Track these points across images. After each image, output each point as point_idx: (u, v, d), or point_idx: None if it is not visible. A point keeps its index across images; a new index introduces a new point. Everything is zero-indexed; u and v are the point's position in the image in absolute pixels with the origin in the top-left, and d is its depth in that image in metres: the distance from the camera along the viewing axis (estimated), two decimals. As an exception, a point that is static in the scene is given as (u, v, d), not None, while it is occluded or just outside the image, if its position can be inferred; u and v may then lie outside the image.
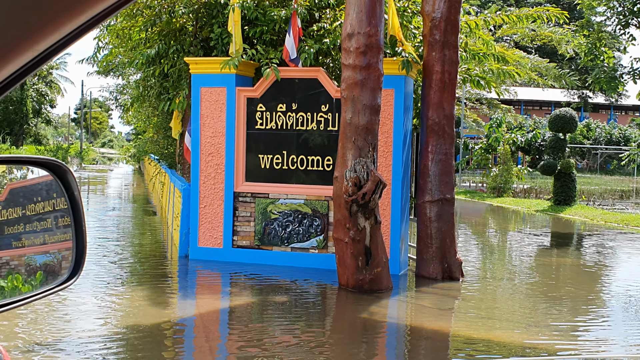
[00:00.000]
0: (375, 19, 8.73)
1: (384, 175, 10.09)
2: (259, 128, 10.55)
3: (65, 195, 1.27)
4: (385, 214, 10.11)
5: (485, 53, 11.47)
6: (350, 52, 8.78)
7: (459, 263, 9.94)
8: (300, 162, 10.46)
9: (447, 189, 10.01)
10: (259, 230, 10.55)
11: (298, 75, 10.34)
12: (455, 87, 10.06)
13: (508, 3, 48.54)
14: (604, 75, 17.20)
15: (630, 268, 12.52)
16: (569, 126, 21.10)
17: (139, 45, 12.36)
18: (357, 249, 8.75)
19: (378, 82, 8.84)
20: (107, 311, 7.91)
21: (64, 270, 1.30)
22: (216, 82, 10.50)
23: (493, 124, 25.95)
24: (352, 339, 7.24)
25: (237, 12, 10.14)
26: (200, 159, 10.71)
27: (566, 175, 20.93)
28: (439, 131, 9.99)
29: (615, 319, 8.31)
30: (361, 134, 8.74)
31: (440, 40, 9.83)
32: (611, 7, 16.90)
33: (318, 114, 10.34)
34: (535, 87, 42.29)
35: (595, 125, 53.85)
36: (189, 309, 8.55)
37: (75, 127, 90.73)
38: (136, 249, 12.58)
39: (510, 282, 10.45)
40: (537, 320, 7.90)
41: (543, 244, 14.98)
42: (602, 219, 18.77)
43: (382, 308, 8.39)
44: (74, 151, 55.08)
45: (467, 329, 7.60)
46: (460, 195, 26.85)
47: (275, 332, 7.18)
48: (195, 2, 11.23)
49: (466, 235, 16.38)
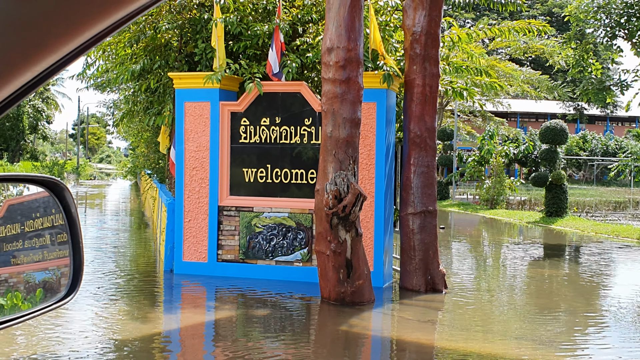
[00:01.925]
0: (355, 34, 8.80)
1: (367, 188, 10.13)
2: (243, 142, 10.60)
3: (62, 212, 1.28)
4: (368, 226, 10.15)
5: (468, 66, 11.55)
6: (330, 66, 8.85)
7: (442, 275, 9.96)
8: (284, 175, 10.51)
9: (430, 201, 10.05)
10: (243, 244, 10.58)
11: (281, 90, 10.41)
12: (436, 100, 10.13)
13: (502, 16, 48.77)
14: (592, 87, 17.28)
15: (619, 279, 12.53)
16: (559, 138, 21.17)
17: (125, 60, 12.44)
18: (339, 261, 8.78)
19: (358, 95, 8.91)
20: (91, 326, 7.92)
21: (64, 287, 1.30)
22: (200, 97, 10.57)
23: (485, 136, 26.03)
24: (333, 352, 7.25)
25: (220, 27, 10.22)
26: (185, 173, 10.75)
27: (557, 187, 20.98)
28: (421, 144, 10.05)
29: (602, 330, 8.33)
30: (342, 147, 8.79)
31: (421, 53, 9.90)
32: (598, 19, 17.01)
33: (301, 128, 10.41)
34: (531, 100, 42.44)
35: (591, 136, 53.96)
36: (173, 323, 8.57)
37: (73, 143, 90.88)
38: (123, 263, 12.60)
39: (494, 294, 10.46)
40: (519, 333, 7.92)
41: (531, 256, 15.00)
42: (593, 230, 18.79)
43: (362, 321, 8.40)
44: (71, 167, 55.13)
45: (446, 341, 7.61)
46: (454, 208, 26.89)
47: (257, 346, 7.20)
48: (180, 18, 11.33)
49: (455, 247, 16.40)
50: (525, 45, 28.66)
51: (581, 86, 18.03)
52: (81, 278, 1.30)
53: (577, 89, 19.41)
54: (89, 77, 15.25)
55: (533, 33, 11.66)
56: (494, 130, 26.50)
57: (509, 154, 25.59)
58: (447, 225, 21.72)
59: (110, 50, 12.83)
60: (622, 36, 17.23)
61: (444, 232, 18.59)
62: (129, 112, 14.64)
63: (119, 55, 12.59)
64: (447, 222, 22.76)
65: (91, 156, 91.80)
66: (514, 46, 29.67)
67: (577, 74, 17.90)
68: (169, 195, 12.29)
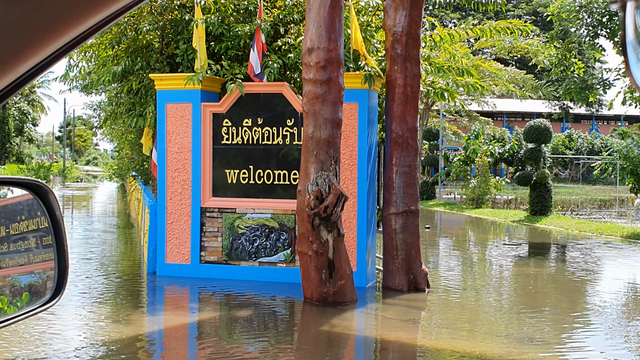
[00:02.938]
0: (335, 34, 8.81)
1: (349, 188, 10.14)
2: (225, 143, 10.59)
3: (46, 215, 1.26)
4: (351, 226, 10.16)
5: (450, 66, 11.58)
6: (310, 67, 8.85)
7: (424, 274, 9.98)
8: (267, 176, 10.50)
9: (412, 201, 10.07)
10: (226, 245, 10.56)
11: (263, 90, 10.41)
12: (417, 100, 10.16)
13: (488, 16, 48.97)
14: (574, 86, 17.40)
15: (603, 276, 12.61)
16: (543, 137, 21.28)
17: (107, 62, 12.39)
18: (321, 262, 8.78)
19: (339, 96, 8.92)
20: (74, 328, 7.89)
21: (50, 291, 1.29)
22: (181, 98, 10.54)
23: (471, 136, 26.12)
24: (315, 352, 7.26)
25: (201, 28, 10.20)
26: (167, 174, 10.72)
27: (542, 186, 21.09)
28: (403, 144, 10.07)
29: (587, 328, 8.38)
30: (323, 147, 8.80)
31: (402, 54, 9.93)
32: (580, 18, 17.12)
33: (284, 129, 10.40)
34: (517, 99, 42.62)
35: (577, 135, 54.25)
36: (156, 325, 8.54)
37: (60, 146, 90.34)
38: (107, 265, 12.54)
39: (476, 293, 10.50)
40: (501, 331, 7.95)
41: (515, 255, 15.07)
42: (577, 228, 18.91)
43: (344, 321, 8.41)
44: (57, 169, 54.81)
45: (428, 340, 7.64)
46: (440, 207, 26.97)
47: (240, 348, 7.19)
48: (161, 19, 11.30)
49: (439, 246, 16.46)
50: (509, 45, 28.80)
51: (564, 85, 18.14)
52: (66, 281, 1.29)
53: (560, 88, 19.53)
54: (71, 79, 15.17)
55: (514, 33, 11.71)
56: (479, 130, 26.60)
57: (494, 154, 25.69)
58: (433, 225, 21.79)
59: (92, 52, 12.77)
60: (604, 35, 17.35)
61: (429, 232, 18.64)
62: (112, 114, 14.58)
63: (100, 57, 12.54)
64: (433, 221, 22.83)
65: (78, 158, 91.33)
66: (499, 46, 29.81)
67: (560, 73, 18.00)
68: (152, 197, 12.24)
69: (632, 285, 11.58)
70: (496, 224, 21.64)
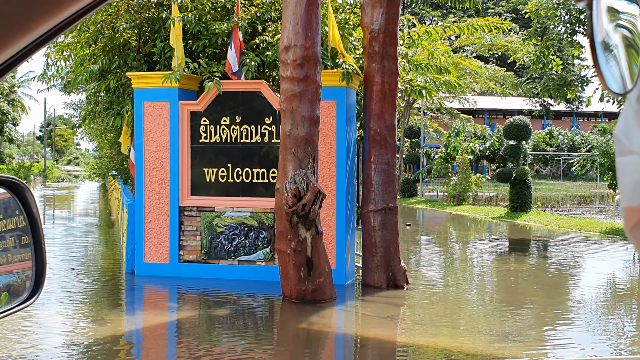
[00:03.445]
0: (312, 32, 8.81)
1: (328, 186, 10.15)
2: (203, 141, 10.55)
3: (23, 214, 1.24)
4: (330, 224, 10.16)
5: (428, 64, 11.62)
6: (287, 65, 8.84)
7: (403, 271, 10.02)
8: (246, 174, 10.48)
9: (390, 198, 10.10)
10: (205, 244, 10.53)
11: (241, 88, 10.38)
12: (395, 98, 10.18)
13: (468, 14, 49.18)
14: (553, 83, 17.52)
15: (581, 272, 12.71)
16: (523, 134, 21.43)
17: (84, 61, 12.30)
18: (299, 260, 8.78)
19: (316, 93, 8.91)
20: (52, 328, 7.83)
21: (27, 290, 1.26)
22: (159, 97, 10.49)
23: (451, 133, 26.23)
24: (292, 350, 7.26)
25: (177, 26, 10.16)
26: (145, 173, 10.66)
27: (521, 182, 21.23)
28: (381, 141, 10.09)
29: (566, 324, 8.44)
30: (301, 145, 8.79)
31: (379, 51, 9.94)
32: (558, 16, 17.24)
33: (262, 127, 10.39)
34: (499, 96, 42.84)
35: (557, 132, 54.63)
36: (135, 325, 8.51)
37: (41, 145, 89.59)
38: (86, 265, 12.46)
39: (454, 289, 10.56)
40: (478, 327, 7.99)
41: (493, 251, 15.16)
42: (556, 224, 19.05)
43: (322, 318, 8.42)
44: (37, 169, 54.37)
45: (405, 336, 7.67)
46: (421, 204, 27.07)
47: (219, 346, 7.18)
48: (138, 17, 11.23)
49: (419, 243, 16.52)
50: (489, 42, 28.95)
51: (542, 82, 18.26)
52: (44, 280, 1.27)
53: (538, 85, 19.67)
54: (49, 78, 15.04)
55: (492, 30, 11.77)
56: (459, 128, 26.72)
57: (474, 151, 25.82)
58: (415, 222, 21.87)
59: (69, 51, 12.68)
60: (582, 32, 17.49)
61: (409, 229, 18.70)
62: (90, 113, 14.49)
63: (78, 55, 12.45)
64: (414, 219, 22.91)
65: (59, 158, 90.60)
66: (479, 43, 29.97)
67: (539, 70, 18.13)
68: (130, 197, 12.17)
69: (609, 280, 11.69)
70: (476, 220, 21.76)
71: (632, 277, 12.38)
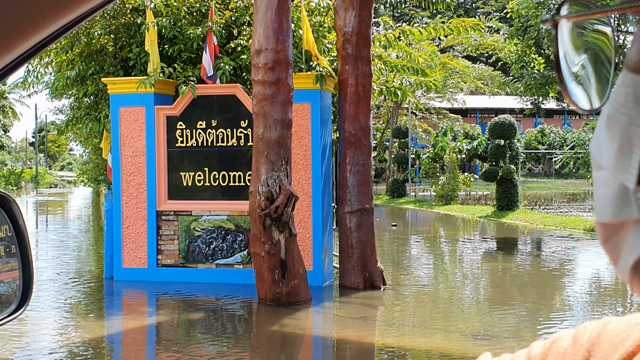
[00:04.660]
0: (283, 35, 8.85)
1: (304, 188, 10.19)
2: (179, 146, 10.59)
3: (9, 225, 1.25)
4: (307, 226, 10.21)
5: (404, 65, 11.67)
6: (259, 68, 8.88)
7: (379, 272, 10.06)
8: (222, 178, 10.52)
9: (366, 199, 10.14)
10: (183, 248, 10.56)
11: (216, 92, 10.42)
12: (370, 99, 10.23)
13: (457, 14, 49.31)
14: (534, 82, 17.59)
15: (563, 270, 12.77)
16: (508, 133, 21.50)
17: (62, 67, 12.32)
18: (273, 262, 8.82)
19: (288, 96, 8.96)
20: (29, 334, 7.85)
21: (15, 301, 1.26)
22: (134, 102, 10.52)
23: (439, 133, 26.29)
24: (268, 352, 7.31)
25: (152, 31, 10.19)
26: (122, 178, 10.69)
27: (508, 181, 21.29)
28: (356, 143, 10.14)
29: (534, 321, 8.49)
30: (273, 148, 8.83)
31: (352, 54, 9.99)
32: (540, 14, 17.31)
33: (238, 130, 10.42)
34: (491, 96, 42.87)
35: (549, 130, 54.77)
36: (114, 330, 8.53)
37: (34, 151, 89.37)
38: (65, 271, 12.46)
39: (433, 290, 10.60)
40: (454, 327, 8.03)
41: (476, 250, 15.21)
42: (542, 222, 19.13)
43: (295, 320, 8.46)
44: (29, 176, 54.26)
45: (378, 337, 7.71)
46: (410, 205, 27.12)
47: (196, 350, 7.23)
48: (114, 23, 11.26)
49: (403, 243, 16.55)
50: (476, 42, 29.03)
51: (523, 81, 18.34)
52: (31, 291, 1.28)
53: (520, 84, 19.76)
54: (29, 84, 15.06)
55: (468, 31, 11.83)
56: (447, 127, 26.78)
57: (462, 150, 25.88)
58: (402, 222, 21.93)
59: (48, 57, 12.69)
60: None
61: (395, 229, 18.75)
62: (72, 119, 14.49)
63: (56, 62, 12.47)
64: (403, 219, 22.97)
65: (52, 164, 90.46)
66: (467, 43, 30.04)
67: (520, 69, 18.20)
68: (108, 202, 12.19)
69: (592, 278, 11.75)
70: (463, 220, 21.82)
71: (614, 274, 12.45)
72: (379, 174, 39.60)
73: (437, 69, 27.63)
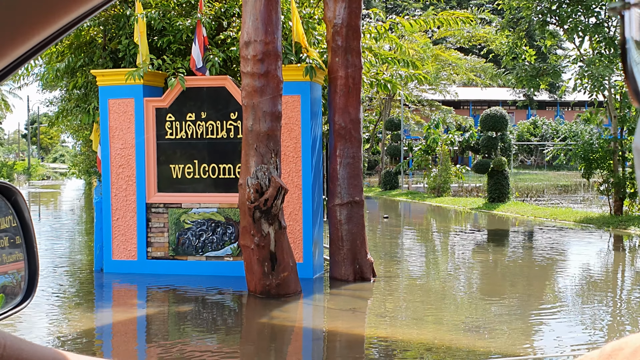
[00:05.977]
0: (272, 27, 8.82)
1: (294, 181, 10.18)
2: (169, 138, 10.56)
3: (15, 217, 1.24)
4: (297, 218, 10.21)
5: (394, 58, 11.65)
6: (248, 60, 8.86)
7: (369, 264, 10.07)
8: (212, 170, 10.50)
9: (356, 192, 10.15)
10: (172, 240, 10.54)
11: (205, 84, 10.38)
12: (360, 92, 10.21)
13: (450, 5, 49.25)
14: (525, 74, 17.60)
15: (553, 262, 12.81)
16: (499, 125, 21.54)
17: (51, 59, 12.27)
18: (262, 254, 8.82)
19: (277, 89, 8.93)
20: (18, 327, 7.83)
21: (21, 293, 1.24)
22: (124, 94, 10.48)
23: (431, 125, 26.31)
24: (258, 344, 7.31)
25: (141, 23, 10.14)
26: (111, 171, 10.66)
27: (499, 173, 21.34)
28: (346, 135, 10.13)
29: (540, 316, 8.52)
30: (263, 140, 8.82)
31: (342, 45, 9.97)
32: (530, 6, 17.30)
33: (227, 122, 10.40)
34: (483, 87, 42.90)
35: (542, 122, 54.88)
36: (104, 323, 8.53)
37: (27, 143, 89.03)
38: (55, 263, 12.44)
39: (422, 281, 10.63)
40: (443, 318, 8.05)
41: (465, 241, 15.25)
42: (533, 214, 19.19)
43: (284, 312, 8.47)
44: (22, 168, 54.06)
45: (366, 328, 7.72)
46: (402, 197, 27.16)
47: (185, 342, 7.23)
48: (103, 14, 11.21)
49: (394, 235, 16.58)
50: (468, 33, 29.02)
51: (514, 73, 18.35)
52: (37, 283, 1.24)
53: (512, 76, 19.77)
54: (19, 76, 15.00)
55: (457, 23, 11.81)
56: (439, 119, 26.80)
57: (454, 142, 25.92)
58: (397, 214, 21.96)
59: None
60: (554, 23, 17.57)
61: (386, 221, 18.78)
62: (63, 111, 14.44)
63: (45, 53, 12.40)
64: (394, 211, 22.99)
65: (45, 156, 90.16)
66: (459, 35, 30.03)
67: (511, 61, 18.21)
68: (98, 194, 12.16)
69: (580, 268, 11.80)
70: (454, 211, 21.87)
71: (603, 265, 12.50)
72: (371, 166, 39.62)
73: (430, 60, 27.60)
